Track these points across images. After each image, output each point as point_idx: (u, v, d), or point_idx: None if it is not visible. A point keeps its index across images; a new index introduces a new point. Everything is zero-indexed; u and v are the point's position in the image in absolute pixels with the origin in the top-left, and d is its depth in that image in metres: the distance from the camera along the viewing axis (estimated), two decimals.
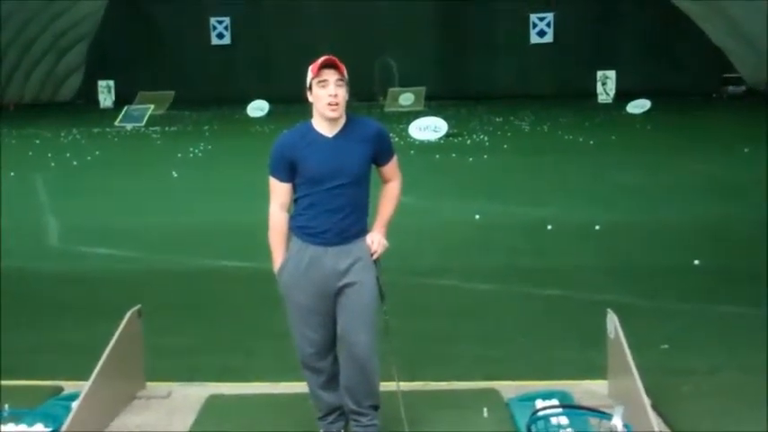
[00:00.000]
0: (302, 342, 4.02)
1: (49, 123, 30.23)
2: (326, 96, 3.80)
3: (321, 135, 3.88)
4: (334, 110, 3.82)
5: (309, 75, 3.85)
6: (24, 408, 4.25)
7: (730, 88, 40.97)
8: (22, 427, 3.91)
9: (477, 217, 10.89)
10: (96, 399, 4.37)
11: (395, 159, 4.08)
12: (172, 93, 39.49)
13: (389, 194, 4.08)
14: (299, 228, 3.90)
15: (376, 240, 3.94)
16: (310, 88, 3.86)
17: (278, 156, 3.88)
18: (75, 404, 4.29)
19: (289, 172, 3.87)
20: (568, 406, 4.36)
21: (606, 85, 39.82)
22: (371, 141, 3.93)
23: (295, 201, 3.95)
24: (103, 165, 18.62)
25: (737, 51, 41.62)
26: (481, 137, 22.84)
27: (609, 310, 4.65)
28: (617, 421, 2.53)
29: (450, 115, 27.23)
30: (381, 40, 46.00)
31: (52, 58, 47.52)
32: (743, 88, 40.76)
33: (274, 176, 3.92)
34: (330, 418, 4.21)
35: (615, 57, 42.69)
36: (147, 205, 12.88)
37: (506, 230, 10.28)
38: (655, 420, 4.07)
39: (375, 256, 3.94)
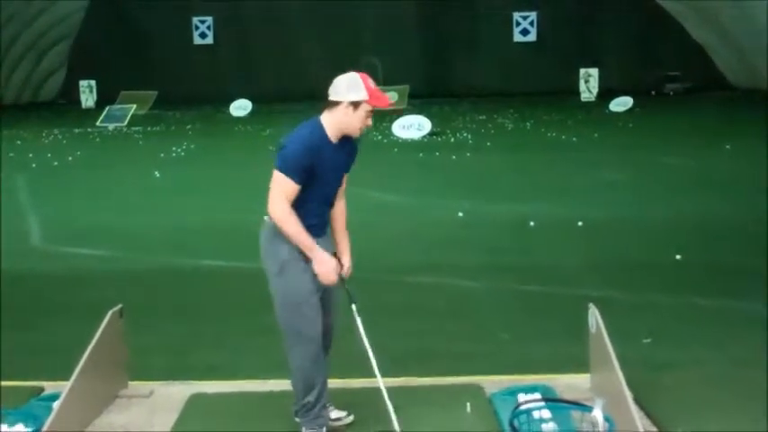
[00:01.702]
0: (314, 316, 4.13)
1: (31, 124, 30.02)
2: (364, 124, 4.15)
3: (330, 141, 4.14)
4: (361, 133, 4.19)
5: (362, 95, 4.08)
6: (5, 408, 4.21)
7: (668, 86, 41.34)
8: (3, 427, 3.88)
9: (461, 215, 10.91)
10: (78, 398, 4.35)
11: None
12: (154, 92, 39.30)
13: (343, 212, 4.40)
14: (301, 217, 4.07)
15: (347, 265, 4.28)
16: (356, 105, 4.07)
17: (301, 159, 4.02)
18: (56, 404, 4.27)
19: (305, 175, 4.03)
20: (550, 399, 4.38)
21: (589, 83, 39.96)
22: (353, 153, 4.30)
23: (296, 197, 4.07)
24: (85, 165, 18.51)
25: (720, 50, 41.91)
26: (465, 135, 22.88)
27: (590, 304, 4.67)
28: (597, 413, 2.55)
29: (434, 113, 27.26)
30: (365, 39, 46.00)
31: (33, 58, 47.16)
32: (681, 86, 41.15)
33: (291, 178, 4.02)
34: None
35: (598, 55, 42.88)
36: (130, 205, 12.82)
37: (490, 228, 10.31)
38: (636, 413, 4.10)
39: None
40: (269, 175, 4.09)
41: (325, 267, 4.09)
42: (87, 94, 43.76)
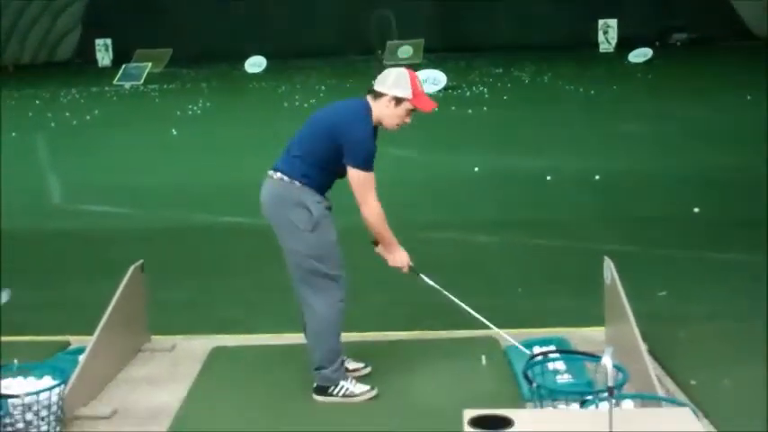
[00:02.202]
0: (342, 260, 4.27)
1: (48, 83, 30.07)
2: (403, 121, 4.27)
3: (374, 126, 4.27)
4: (396, 129, 4.32)
5: (407, 93, 4.19)
6: (34, 361, 4.33)
7: (674, 36, 40.51)
8: (31, 380, 3.99)
9: (477, 169, 10.91)
10: (102, 352, 4.46)
11: None
12: (169, 50, 39.13)
13: None
14: (322, 183, 4.24)
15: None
16: (398, 101, 4.18)
17: (373, 151, 4.17)
18: (81, 357, 4.39)
19: None
20: (564, 351, 4.44)
21: (608, 33, 39.39)
22: None
23: (320, 165, 4.19)
24: (103, 124, 18.58)
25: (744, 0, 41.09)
26: (480, 89, 22.72)
27: (605, 256, 4.70)
28: (606, 360, 2.58)
29: (450, 68, 27.01)
30: None
31: (48, 18, 47.06)
32: (687, 36, 40.31)
33: (371, 171, 4.16)
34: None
35: (617, 4, 42.15)
36: (148, 163, 12.90)
37: (506, 182, 10.31)
38: (650, 364, 4.15)
39: None
40: (285, 132, 4.15)
41: (401, 261, 4.37)
42: (103, 53, 43.69)
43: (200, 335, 5.31)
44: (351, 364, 4.52)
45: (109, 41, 43.59)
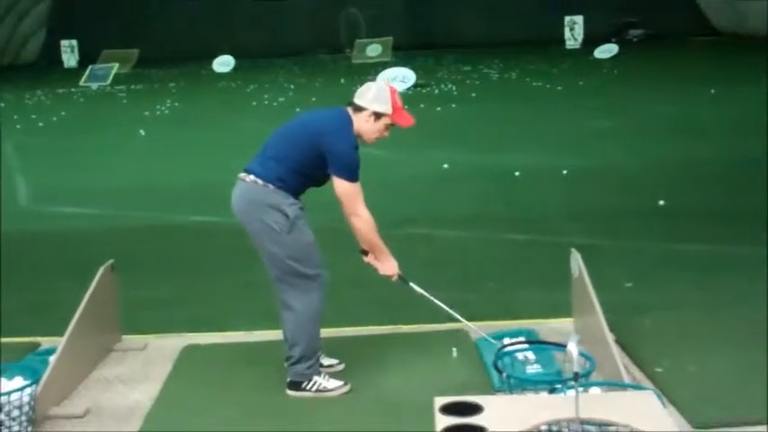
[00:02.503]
0: (320, 258, 4.31)
1: (13, 86, 29.71)
2: (380, 135, 4.35)
3: None
4: (373, 142, 4.39)
5: (387, 108, 4.27)
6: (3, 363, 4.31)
7: (630, 32, 40.94)
8: (2, 380, 3.98)
9: (446, 166, 10.98)
10: (73, 352, 4.46)
11: None
12: (136, 51, 38.85)
13: None
14: (297, 188, 4.24)
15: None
16: (378, 116, 4.25)
17: (358, 161, 4.22)
18: (52, 358, 4.38)
19: None
20: (533, 341, 4.51)
21: (574, 30, 39.71)
22: None
23: (297, 171, 4.21)
24: (70, 125, 18.43)
25: None
26: (449, 86, 22.82)
27: (573, 249, 4.78)
28: (571, 347, 2.65)
29: (418, 65, 27.09)
30: None
31: (12, 19, 46.48)
32: (644, 32, 40.70)
33: (358, 181, 4.22)
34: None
35: (583, 2, 42.49)
36: (116, 164, 12.82)
37: (475, 178, 10.39)
38: (618, 353, 4.23)
39: None
40: (254, 131, 4.20)
41: (391, 270, 4.45)
42: (69, 54, 43.23)
43: (171, 334, 5.31)
44: (325, 361, 4.55)
45: (75, 42, 43.14)
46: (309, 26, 42.85)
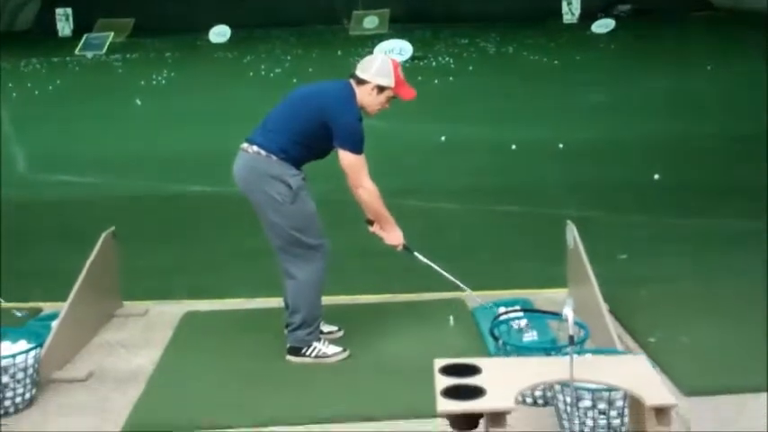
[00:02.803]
0: (322, 229, 4.37)
1: (8, 54, 29.52)
2: (382, 107, 4.38)
3: None
4: (375, 114, 4.41)
5: (390, 81, 4.29)
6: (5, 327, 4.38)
7: (618, 8, 40.71)
8: (6, 344, 4.04)
9: (443, 139, 11.01)
10: (75, 317, 4.52)
11: None
12: (131, 20, 38.57)
13: None
14: (300, 160, 4.28)
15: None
16: (381, 89, 4.27)
17: (362, 133, 4.25)
18: (55, 322, 4.44)
19: None
20: (528, 310, 4.59)
21: (571, 4, 39.50)
22: None
23: (300, 142, 4.24)
24: (65, 94, 18.35)
25: None
26: (446, 59, 22.74)
27: (568, 221, 4.84)
28: (567, 311, 2.72)
29: (416, 38, 26.96)
30: None
31: None
32: (631, 7, 40.43)
33: (363, 151, 4.26)
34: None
35: None
36: (113, 133, 12.80)
37: (472, 151, 10.41)
38: (611, 323, 4.32)
39: None
40: (251, 102, 4.24)
41: (396, 240, 4.48)
42: (64, 23, 42.83)
43: (172, 300, 5.38)
44: (325, 327, 4.62)
45: (69, 11, 42.73)
46: None
